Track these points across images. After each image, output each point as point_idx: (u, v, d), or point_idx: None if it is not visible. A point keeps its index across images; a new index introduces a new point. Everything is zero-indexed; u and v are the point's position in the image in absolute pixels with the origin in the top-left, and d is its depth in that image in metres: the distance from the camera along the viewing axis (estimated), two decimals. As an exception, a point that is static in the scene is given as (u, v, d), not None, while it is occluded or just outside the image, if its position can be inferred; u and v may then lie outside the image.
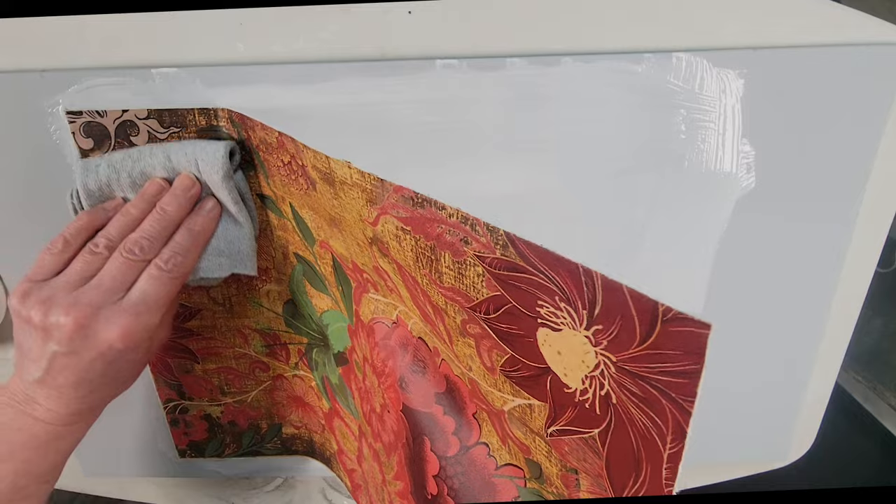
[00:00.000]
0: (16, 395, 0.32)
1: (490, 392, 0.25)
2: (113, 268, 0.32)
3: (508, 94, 0.34)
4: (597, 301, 0.19)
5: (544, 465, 0.24)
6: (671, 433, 0.18)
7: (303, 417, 0.48)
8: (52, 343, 0.31)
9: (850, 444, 0.67)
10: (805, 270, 0.41)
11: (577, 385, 0.21)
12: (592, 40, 0.34)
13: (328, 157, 0.30)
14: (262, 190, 0.38)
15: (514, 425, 0.25)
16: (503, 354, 0.23)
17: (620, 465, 0.20)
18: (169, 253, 0.33)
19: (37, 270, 0.33)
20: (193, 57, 0.35)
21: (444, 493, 0.29)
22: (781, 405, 0.47)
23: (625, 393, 0.19)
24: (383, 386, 0.33)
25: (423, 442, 0.30)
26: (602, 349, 0.19)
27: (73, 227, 0.34)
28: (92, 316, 0.30)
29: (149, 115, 0.36)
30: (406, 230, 0.26)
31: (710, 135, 0.36)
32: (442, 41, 0.34)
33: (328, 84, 0.35)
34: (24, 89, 0.35)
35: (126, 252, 0.32)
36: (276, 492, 0.55)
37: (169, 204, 0.34)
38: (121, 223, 0.34)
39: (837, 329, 0.44)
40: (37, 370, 0.31)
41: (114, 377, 0.33)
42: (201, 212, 0.35)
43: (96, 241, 0.33)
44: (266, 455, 0.50)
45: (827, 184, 0.38)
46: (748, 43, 0.34)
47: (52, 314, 0.30)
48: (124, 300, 0.31)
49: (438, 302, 0.26)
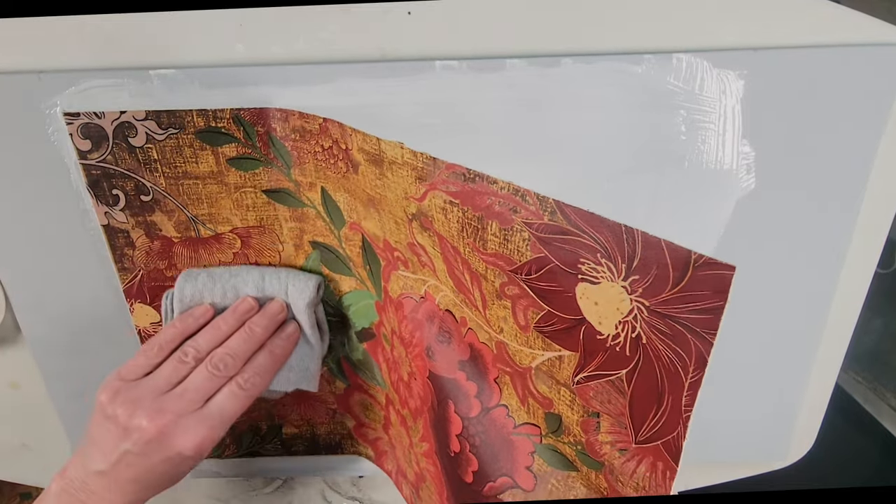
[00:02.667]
0: (73, 483, 0.33)
1: (519, 351, 0.28)
2: (198, 379, 0.34)
3: (508, 95, 0.34)
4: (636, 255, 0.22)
5: (565, 415, 0.27)
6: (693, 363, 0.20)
7: (305, 413, 0.48)
8: (129, 443, 0.32)
9: (850, 445, 0.67)
10: (805, 271, 0.41)
11: (610, 331, 0.23)
12: (592, 41, 0.34)
13: (379, 140, 0.31)
14: (280, 184, 0.38)
15: (539, 380, 0.27)
16: (539, 311, 0.26)
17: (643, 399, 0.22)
18: (250, 373, 0.35)
19: (129, 370, 0.35)
20: (192, 58, 0.35)
21: (467, 450, 0.32)
22: (781, 406, 0.47)
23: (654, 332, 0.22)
24: (411, 355, 0.35)
25: (447, 405, 0.33)
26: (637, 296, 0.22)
27: (167, 334, 0.36)
28: (172, 424, 0.32)
29: (147, 116, 0.36)
30: (454, 203, 0.28)
31: (710, 135, 0.36)
32: (442, 42, 0.34)
33: (331, 85, 0.35)
34: (21, 91, 0.35)
35: (212, 366, 0.34)
36: (275, 493, 0.55)
37: (258, 325, 0.36)
38: (210, 335, 0.36)
39: (837, 330, 0.44)
40: (103, 462, 0.33)
41: (169, 479, 0.35)
42: (282, 335, 0.37)
43: (186, 351, 0.35)
44: (266, 456, 0.50)
45: (827, 184, 0.38)
46: (748, 44, 0.34)
47: (136, 417, 0.32)
48: (203, 410, 0.34)
49: (478, 268, 0.28)
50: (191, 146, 0.37)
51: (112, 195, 0.38)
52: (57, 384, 0.46)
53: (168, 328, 0.37)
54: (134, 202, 0.39)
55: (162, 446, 0.33)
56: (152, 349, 0.35)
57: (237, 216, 0.39)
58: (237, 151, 0.37)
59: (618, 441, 0.25)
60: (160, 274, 0.41)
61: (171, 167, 0.37)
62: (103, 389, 0.34)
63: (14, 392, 0.48)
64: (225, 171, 0.37)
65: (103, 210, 0.39)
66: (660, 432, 0.22)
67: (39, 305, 0.43)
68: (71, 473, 0.34)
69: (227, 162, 0.37)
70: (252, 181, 0.38)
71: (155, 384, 0.34)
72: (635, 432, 0.23)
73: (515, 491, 0.30)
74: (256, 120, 0.36)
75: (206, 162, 0.37)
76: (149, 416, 0.32)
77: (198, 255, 0.40)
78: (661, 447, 0.23)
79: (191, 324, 0.37)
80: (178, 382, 0.34)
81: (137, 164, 0.37)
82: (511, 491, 0.30)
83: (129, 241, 0.40)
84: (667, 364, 0.21)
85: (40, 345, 0.44)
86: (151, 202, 0.39)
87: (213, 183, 0.38)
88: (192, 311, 0.38)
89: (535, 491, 0.29)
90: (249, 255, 0.40)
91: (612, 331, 0.23)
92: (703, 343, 0.20)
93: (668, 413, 0.22)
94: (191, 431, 0.33)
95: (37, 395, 0.47)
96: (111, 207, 0.39)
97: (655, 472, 0.23)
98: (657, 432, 0.22)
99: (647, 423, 0.23)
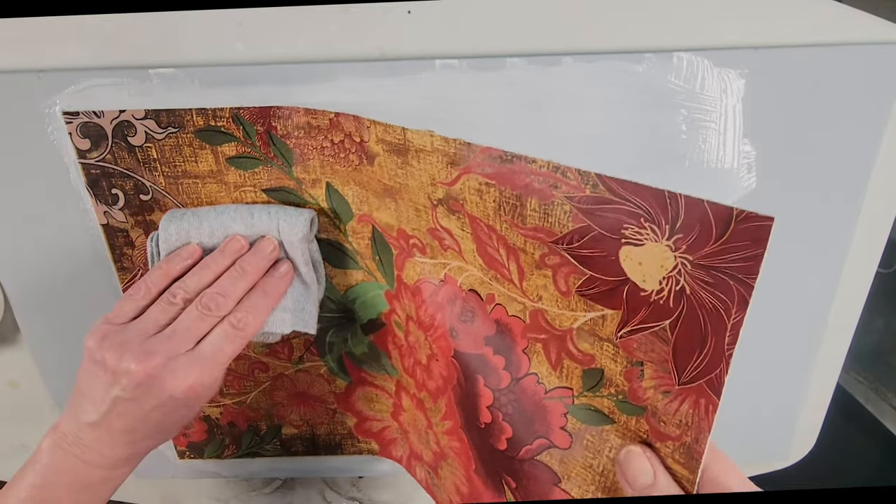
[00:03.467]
0: (66, 437, 0.32)
1: (560, 315, 0.29)
2: (187, 319, 0.33)
3: (508, 95, 0.34)
4: (679, 216, 0.23)
5: (608, 367, 0.28)
6: (736, 306, 0.22)
7: (304, 414, 0.48)
8: (118, 388, 0.31)
9: (852, 445, 0.67)
10: (806, 271, 0.41)
11: (654, 287, 0.25)
12: (593, 40, 0.34)
13: (405, 129, 0.32)
14: (280, 183, 0.38)
15: (581, 339, 0.29)
16: (581, 277, 0.27)
17: (687, 344, 0.24)
18: (242, 312, 0.34)
19: (116, 314, 0.33)
20: (192, 57, 0.35)
21: (499, 420, 0.33)
22: (783, 406, 0.47)
23: (697, 283, 0.23)
24: (431, 338, 0.36)
25: (476, 380, 0.34)
26: (681, 252, 0.23)
27: (153, 276, 0.34)
28: (162, 366, 0.31)
29: (146, 115, 0.35)
30: (490, 184, 0.29)
31: (711, 134, 0.36)
32: (442, 41, 0.34)
33: (330, 84, 0.35)
34: (20, 90, 0.35)
35: (202, 306, 0.33)
36: (275, 493, 0.55)
37: (249, 264, 0.35)
38: (199, 276, 0.34)
39: (839, 329, 0.44)
40: (95, 412, 0.32)
41: (164, 428, 0.33)
42: (276, 274, 0.36)
43: (174, 292, 0.33)
44: (265, 456, 0.50)
45: (828, 184, 0.38)
46: (749, 42, 0.34)
47: (125, 360, 0.31)
48: (194, 352, 0.32)
49: (516, 243, 0.29)
50: (190, 145, 0.37)
51: (111, 194, 0.38)
52: (56, 384, 0.46)
53: (154, 270, 0.35)
54: (133, 201, 0.38)
55: (152, 390, 0.31)
56: (139, 292, 0.34)
57: (237, 216, 0.39)
58: (237, 150, 0.37)
59: (661, 385, 0.26)
60: (160, 273, 0.41)
61: (171, 166, 0.37)
62: (90, 335, 0.32)
63: (13, 391, 0.48)
64: (224, 171, 0.37)
65: (102, 209, 0.39)
66: (703, 372, 0.24)
67: (38, 305, 0.43)
68: (63, 427, 0.32)
69: (226, 161, 0.37)
70: (252, 180, 0.38)
71: (143, 327, 0.32)
72: (678, 375, 0.25)
73: (553, 451, 0.31)
74: (256, 119, 0.35)
75: (206, 161, 0.37)
76: (137, 359, 0.31)
77: (197, 255, 0.40)
78: (703, 385, 0.24)
79: (178, 265, 0.35)
80: (167, 325, 0.33)
81: (137, 164, 0.37)
82: (548, 451, 0.32)
83: (128, 240, 0.40)
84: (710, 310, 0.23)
85: (39, 344, 0.44)
86: (151, 201, 0.38)
87: (213, 182, 0.38)
88: (178, 251, 0.36)
89: (571, 448, 0.31)
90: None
91: (655, 286, 0.25)
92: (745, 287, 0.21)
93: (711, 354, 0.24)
94: (181, 373, 0.31)
95: (36, 395, 0.47)
96: (110, 207, 0.39)
97: (698, 409, 0.25)
98: (700, 372, 0.24)
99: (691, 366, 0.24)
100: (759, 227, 0.21)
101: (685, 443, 0.26)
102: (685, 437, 0.26)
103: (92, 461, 0.32)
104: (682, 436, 0.26)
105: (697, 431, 0.26)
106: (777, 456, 0.50)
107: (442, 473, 0.42)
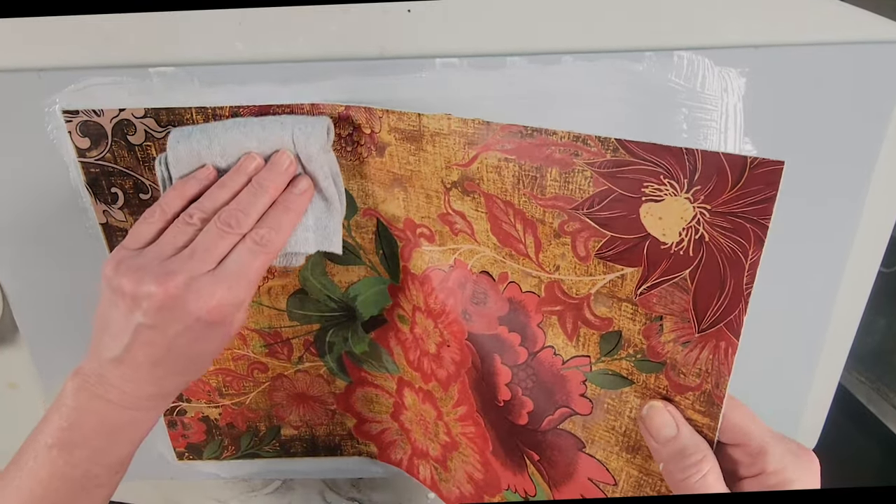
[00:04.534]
0: (89, 378, 0.31)
1: (577, 282, 0.31)
2: (206, 238, 0.31)
3: (508, 93, 0.34)
4: (697, 169, 0.25)
5: (626, 328, 0.30)
6: (752, 246, 0.24)
7: (304, 415, 0.48)
8: (139, 314, 0.29)
9: (853, 445, 0.67)
10: (808, 270, 0.41)
11: (674, 239, 0.27)
12: (593, 39, 0.34)
13: (420, 115, 0.32)
14: None
15: (599, 303, 0.31)
16: (601, 239, 0.29)
17: (706, 290, 0.26)
18: (264, 229, 0.32)
19: (131, 239, 0.32)
20: (192, 56, 0.35)
21: (519, 395, 0.34)
22: (785, 405, 0.47)
23: (715, 229, 0.25)
24: (442, 324, 0.37)
25: (492, 359, 0.35)
26: (699, 203, 0.25)
27: (168, 197, 0.33)
28: (184, 286, 0.29)
29: (146, 114, 0.35)
30: (509, 159, 0.30)
31: (711, 133, 0.36)
32: (442, 40, 0.34)
33: (328, 83, 0.34)
34: (21, 88, 0.35)
35: (221, 223, 0.31)
36: (274, 494, 0.55)
37: (267, 179, 0.33)
38: (216, 195, 0.33)
39: (840, 329, 0.44)
40: (117, 346, 0.30)
41: (192, 358, 0.32)
42: (295, 190, 0.34)
43: (190, 212, 0.32)
44: (264, 457, 0.50)
45: (830, 183, 0.38)
46: (750, 41, 0.34)
47: (144, 283, 0.29)
48: (217, 270, 0.30)
49: (535, 215, 0.31)
50: (190, 144, 0.36)
51: (111, 193, 0.38)
52: (55, 384, 0.46)
53: (169, 192, 0.33)
54: (133, 200, 0.38)
55: (176, 313, 0.29)
56: (153, 214, 0.32)
57: (236, 215, 0.39)
58: (236, 150, 0.37)
59: (681, 336, 0.28)
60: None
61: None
62: (107, 262, 0.31)
63: (12, 392, 0.48)
64: (224, 170, 0.37)
65: (102, 208, 0.39)
66: (722, 315, 0.26)
67: (37, 304, 0.43)
68: (86, 368, 0.31)
69: (226, 160, 0.37)
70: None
71: (160, 250, 0.31)
72: (698, 322, 0.27)
73: (575, 418, 0.33)
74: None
75: (206, 160, 0.37)
76: (157, 280, 0.29)
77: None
78: (723, 328, 0.26)
79: (193, 186, 0.33)
80: (185, 247, 0.31)
81: (136, 163, 0.37)
82: (570, 419, 0.33)
83: (128, 240, 0.40)
84: (728, 254, 0.25)
85: (38, 344, 0.44)
86: (150, 200, 0.38)
87: (213, 181, 0.38)
88: (193, 174, 0.34)
89: (592, 414, 0.32)
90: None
91: (675, 238, 0.26)
92: (760, 227, 0.23)
93: (731, 295, 0.25)
94: (205, 292, 0.29)
95: (35, 395, 0.47)
96: (110, 206, 0.39)
97: (718, 353, 0.26)
98: (720, 316, 0.26)
99: (711, 310, 0.26)
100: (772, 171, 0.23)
101: (705, 391, 0.28)
102: (705, 385, 0.28)
103: (117, 401, 0.31)
104: (702, 384, 0.28)
105: (717, 376, 0.27)
106: (778, 456, 0.49)
107: (451, 465, 0.43)
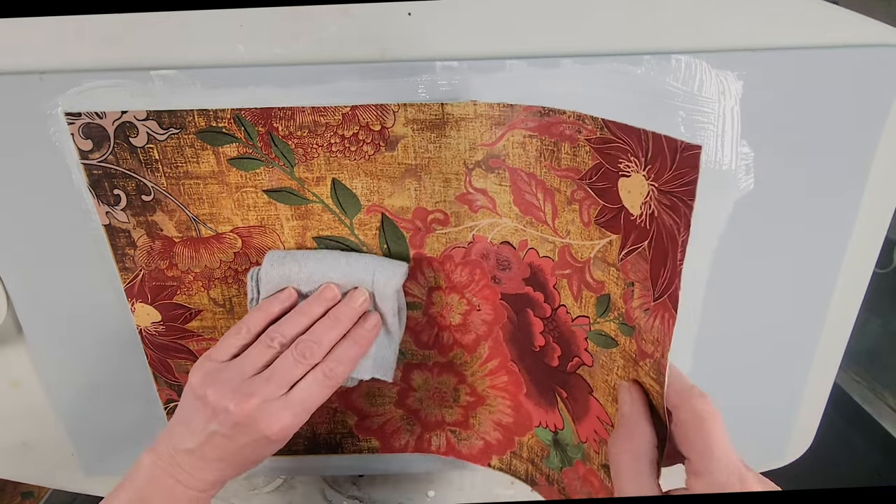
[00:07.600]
0: (162, 457, 0.35)
1: (582, 246, 0.34)
2: (283, 365, 0.35)
3: (508, 96, 0.34)
4: (649, 149, 0.27)
5: (612, 292, 0.33)
6: (683, 225, 0.26)
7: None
8: (216, 423, 0.34)
9: (848, 444, 0.67)
10: (803, 271, 0.41)
11: (637, 212, 0.29)
12: (592, 42, 0.34)
13: (442, 104, 0.35)
14: (281, 184, 0.38)
15: (595, 267, 0.34)
16: (597, 207, 0.32)
17: (658, 262, 0.28)
18: (334, 362, 0.36)
19: (218, 351, 0.36)
20: (193, 58, 0.35)
21: (551, 342, 0.39)
22: (779, 405, 0.47)
23: (660, 206, 0.27)
24: (472, 292, 0.41)
25: (526, 313, 0.40)
26: (651, 180, 0.28)
27: (254, 317, 0.37)
28: (258, 408, 0.33)
29: (148, 116, 0.36)
30: (533, 135, 0.34)
31: (709, 136, 0.36)
32: (442, 43, 0.34)
33: (329, 86, 0.35)
34: (23, 91, 0.35)
35: (297, 353, 0.35)
36: (276, 492, 0.55)
37: (343, 314, 0.37)
38: (296, 322, 0.37)
39: (836, 329, 0.44)
40: (192, 441, 0.34)
41: (252, 460, 0.36)
42: (366, 325, 0.38)
43: (272, 336, 0.36)
44: (266, 455, 0.50)
45: (825, 185, 0.38)
46: (747, 45, 0.34)
47: (225, 399, 0.33)
48: (288, 396, 0.34)
49: (553, 184, 0.34)
50: (192, 146, 0.37)
51: (113, 195, 0.38)
52: (57, 383, 0.46)
53: (255, 311, 0.38)
54: (135, 202, 0.39)
55: (248, 429, 0.34)
56: (240, 331, 0.37)
57: (238, 216, 0.39)
58: (238, 151, 0.37)
59: (644, 303, 0.30)
60: (161, 273, 0.41)
61: (172, 167, 0.37)
62: (195, 370, 0.35)
63: (15, 391, 0.48)
64: (226, 171, 0.38)
65: (104, 210, 0.39)
66: (665, 288, 0.28)
67: (41, 305, 0.43)
68: (161, 448, 0.35)
69: (227, 162, 0.37)
70: (253, 181, 0.38)
71: (242, 368, 0.35)
72: (654, 290, 0.29)
73: (584, 367, 0.37)
74: (257, 120, 0.36)
75: (207, 162, 0.37)
76: (236, 400, 0.33)
77: (199, 255, 0.41)
78: (667, 300, 0.28)
79: (276, 307, 0.38)
80: (265, 367, 0.35)
81: (139, 164, 0.37)
82: (582, 367, 0.37)
83: (130, 240, 0.40)
84: (669, 230, 0.27)
85: (41, 344, 0.45)
86: (152, 202, 0.39)
87: (214, 183, 0.38)
88: (277, 295, 0.38)
89: (593, 366, 0.36)
90: (250, 255, 0.41)
91: (638, 211, 0.29)
92: (687, 207, 0.26)
93: (671, 270, 0.27)
94: (275, 416, 0.34)
95: (37, 395, 0.47)
96: (112, 207, 0.39)
97: (664, 323, 0.28)
98: (664, 288, 0.28)
99: (660, 281, 0.28)
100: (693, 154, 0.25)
101: (656, 359, 0.30)
102: (656, 354, 0.30)
103: (185, 482, 0.35)
104: (654, 352, 0.30)
105: (663, 347, 0.29)
106: (774, 455, 0.50)
107: (474, 421, 0.47)
